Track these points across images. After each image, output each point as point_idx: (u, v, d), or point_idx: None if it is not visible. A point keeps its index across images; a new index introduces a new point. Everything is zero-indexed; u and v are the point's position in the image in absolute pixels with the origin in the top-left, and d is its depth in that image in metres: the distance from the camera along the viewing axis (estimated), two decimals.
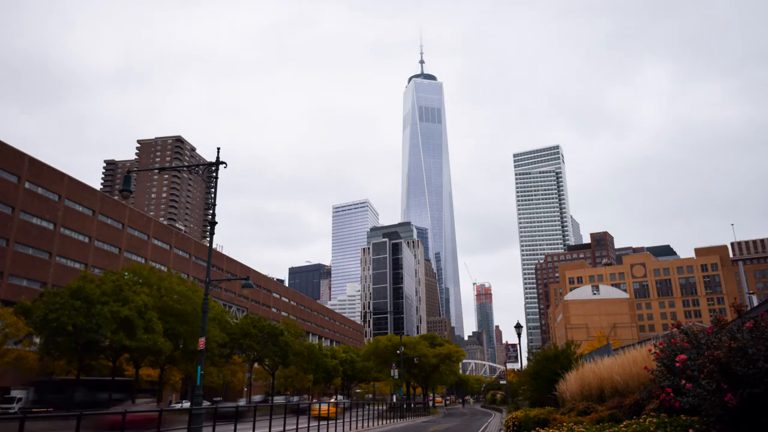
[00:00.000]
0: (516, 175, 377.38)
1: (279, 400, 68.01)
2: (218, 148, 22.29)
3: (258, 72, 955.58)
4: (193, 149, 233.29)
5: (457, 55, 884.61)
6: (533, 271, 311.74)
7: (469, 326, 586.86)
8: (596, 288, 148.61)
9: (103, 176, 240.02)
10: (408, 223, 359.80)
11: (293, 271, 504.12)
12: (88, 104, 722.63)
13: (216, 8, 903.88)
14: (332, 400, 48.89)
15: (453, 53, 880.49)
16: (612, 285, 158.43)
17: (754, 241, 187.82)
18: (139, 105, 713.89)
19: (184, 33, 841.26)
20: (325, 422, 29.12)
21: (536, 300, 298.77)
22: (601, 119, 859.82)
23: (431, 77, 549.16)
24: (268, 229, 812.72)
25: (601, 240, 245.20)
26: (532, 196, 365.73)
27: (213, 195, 22.49)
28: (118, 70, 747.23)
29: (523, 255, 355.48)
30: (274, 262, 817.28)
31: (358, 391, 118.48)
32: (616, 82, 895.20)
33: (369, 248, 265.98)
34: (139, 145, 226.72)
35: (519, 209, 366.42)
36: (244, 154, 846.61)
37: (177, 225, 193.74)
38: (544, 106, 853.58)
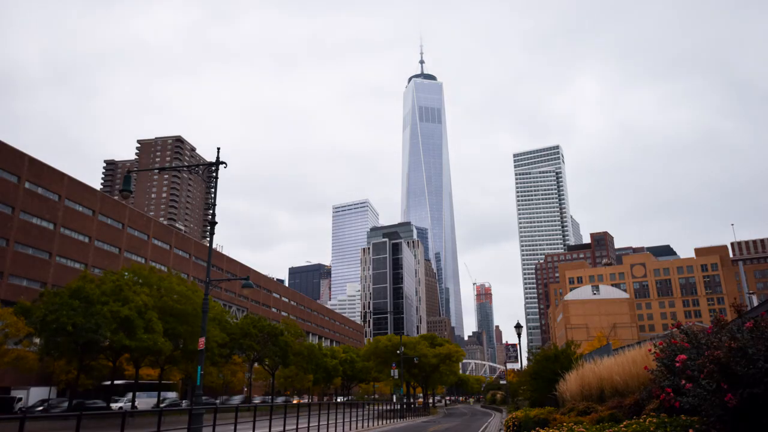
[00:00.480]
0: (516, 175, 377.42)
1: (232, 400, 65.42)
2: (218, 148, 22.31)
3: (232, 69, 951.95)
4: (193, 149, 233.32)
5: (456, 52, 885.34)
6: (533, 271, 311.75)
7: (469, 326, 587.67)
8: (596, 288, 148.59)
9: (103, 176, 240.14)
10: (408, 223, 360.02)
11: (293, 271, 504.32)
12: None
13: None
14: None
15: (453, 51, 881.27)
16: (612, 285, 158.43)
17: (754, 241, 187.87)
18: (67, 104, 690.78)
19: (122, 30, 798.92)
20: (325, 422, 29.09)
21: (536, 300, 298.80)
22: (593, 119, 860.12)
23: (431, 77, 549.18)
24: (239, 229, 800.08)
25: (601, 240, 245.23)
26: (532, 196, 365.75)
27: (213, 195, 22.50)
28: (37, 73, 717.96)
29: (523, 255, 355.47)
30: (271, 263, 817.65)
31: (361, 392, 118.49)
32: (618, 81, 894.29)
33: (369, 248, 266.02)
34: (139, 145, 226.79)
35: (519, 209, 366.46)
36: (241, 152, 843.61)
37: (177, 225, 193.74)
38: (541, 104, 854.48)
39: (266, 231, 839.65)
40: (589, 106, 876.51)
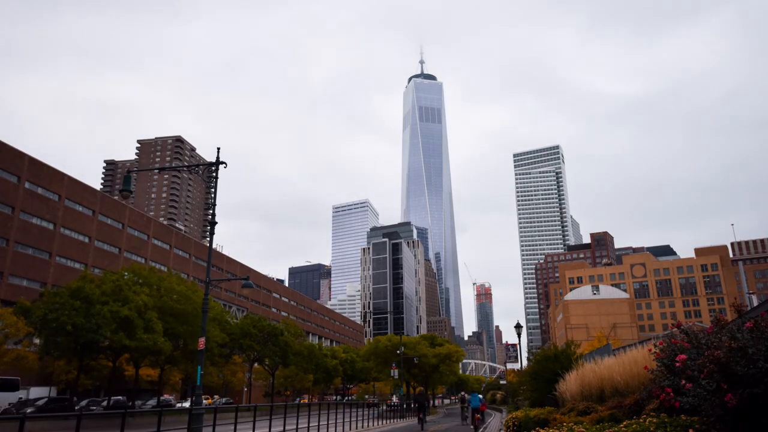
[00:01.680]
0: (516, 175, 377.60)
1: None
2: (218, 148, 22.30)
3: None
4: (193, 149, 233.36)
5: (456, 51, 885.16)
6: (533, 271, 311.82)
7: (469, 326, 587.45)
8: (596, 288, 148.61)
9: (103, 176, 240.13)
10: (408, 223, 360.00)
11: (293, 271, 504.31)
12: None
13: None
14: None
15: (453, 49, 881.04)
16: (612, 285, 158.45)
17: (754, 241, 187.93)
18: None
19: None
20: (325, 422, 29.09)
21: (536, 300, 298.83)
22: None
23: (431, 77, 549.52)
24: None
25: (601, 240, 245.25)
26: (532, 196, 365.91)
27: (213, 195, 22.50)
28: None
29: (523, 255, 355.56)
30: (272, 263, 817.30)
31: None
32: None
33: (369, 248, 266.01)
34: (139, 145, 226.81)
35: (519, 209, 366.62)
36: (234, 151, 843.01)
37: (177, 225, 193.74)
38: (541, 104, 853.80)
39: (267, 232, 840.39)
40: (589, 104, 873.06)
